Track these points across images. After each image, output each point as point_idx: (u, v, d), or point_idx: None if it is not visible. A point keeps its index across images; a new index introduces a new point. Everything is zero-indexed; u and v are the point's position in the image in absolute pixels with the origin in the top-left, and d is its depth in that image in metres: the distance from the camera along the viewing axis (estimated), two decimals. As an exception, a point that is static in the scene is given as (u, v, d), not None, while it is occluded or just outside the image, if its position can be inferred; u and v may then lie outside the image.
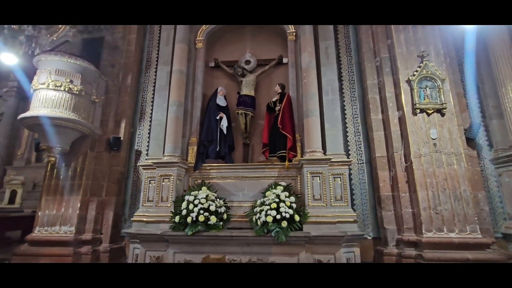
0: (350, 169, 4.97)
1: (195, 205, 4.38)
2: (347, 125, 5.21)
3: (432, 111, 4.40)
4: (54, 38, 5.88)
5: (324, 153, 4.72)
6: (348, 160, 4.67)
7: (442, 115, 4.40)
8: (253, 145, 5.83)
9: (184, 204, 4.45)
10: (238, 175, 5.08)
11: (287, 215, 4.15)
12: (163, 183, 4.78)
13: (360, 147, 5.08)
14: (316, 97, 4.96)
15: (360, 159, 5.03)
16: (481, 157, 4.78)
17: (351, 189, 4.90)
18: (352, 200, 4.86)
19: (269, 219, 4.14)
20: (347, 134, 5.16)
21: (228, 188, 5.05)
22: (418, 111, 4.42)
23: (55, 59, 4.71)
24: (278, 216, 4.14)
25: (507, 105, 4.49)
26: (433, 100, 4.44)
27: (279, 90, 5.56)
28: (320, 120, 4.93)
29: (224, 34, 6.52)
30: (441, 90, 4.44)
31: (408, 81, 4.56)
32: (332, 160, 4.60)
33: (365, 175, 4.94)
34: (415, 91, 4.48)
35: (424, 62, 4.56)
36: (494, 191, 4.61)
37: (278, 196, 4.41)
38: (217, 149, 5.34)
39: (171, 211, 4.52)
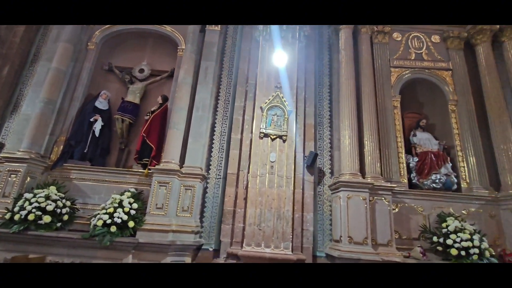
0: (206, 183, 5.28)
1: (31, 203, 4.33)
2: (214, 141, 5.53)
3: (275, 137, 4.88)
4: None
5: (181, 165, 4.98)
6: (200, 173, 4.95)
7: (284, 141, 4.89)
8: (130, 150, 5.93)
9: (20, 202, 4.38)
10: (98, 178, 5.12)
11: (119, 220, 4.27)
12: (9, 179, 4.67)
13: (221, 163, 5.40)
14: (184, 112, 5.26)
15: (218, 175, 5.34)
16: (322, 183, 5.33)
17: (204, 202, 5.16)
18: (204, 212, 5.12)
19: (99, 222, 4.24)
20: (212, 149, 5.47)
21: (86, 190, 5.06)
22: (263, 135, 4.87)
23: None
24: (109, 221, 4.25)
25: (342, 140, 5.11)
26: (278, 127, 4.93)
27: (160, 101, 5.80)
28: (186, 134, 5.25)
29: (126, 40, 6.68)
30: (286, 119, 4.95)
31: (261, 108, 5.03)
32: (184, 172, 4.87)
33: (219, 190, 5.23)
34: (264, 117, 4.96)
35: (276, 93, 5.07)
36: (327, 214, 5.13)
37: (121, 201, 4.54)
38: (85, 151, 5.37)
39: (6, 208, 4.42)
